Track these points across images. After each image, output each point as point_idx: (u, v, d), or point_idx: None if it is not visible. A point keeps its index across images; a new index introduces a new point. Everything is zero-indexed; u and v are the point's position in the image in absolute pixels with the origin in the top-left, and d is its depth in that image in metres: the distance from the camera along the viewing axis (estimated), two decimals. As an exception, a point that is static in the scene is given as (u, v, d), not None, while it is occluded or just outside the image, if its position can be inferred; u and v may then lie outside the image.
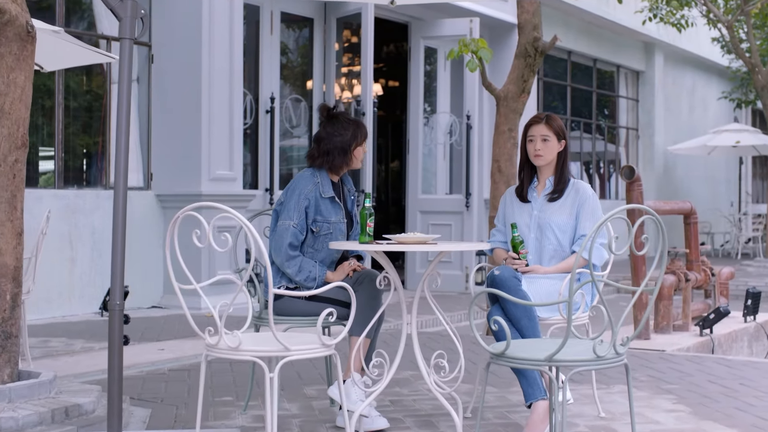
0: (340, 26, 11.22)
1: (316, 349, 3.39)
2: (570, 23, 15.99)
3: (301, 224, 4.33)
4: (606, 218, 3.19)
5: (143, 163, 9.35)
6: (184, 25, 9.13)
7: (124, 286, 8.62)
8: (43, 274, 8.13)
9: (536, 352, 3.21)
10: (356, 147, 4.46)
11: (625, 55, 18.16)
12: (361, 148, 4.49)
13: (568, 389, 4.22)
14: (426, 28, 12.05)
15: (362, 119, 10.19)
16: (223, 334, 3.33)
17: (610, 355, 3.21)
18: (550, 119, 4.60)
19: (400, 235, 3.93)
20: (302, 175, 4.46)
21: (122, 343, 3.71)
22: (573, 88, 16.89)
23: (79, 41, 6.20)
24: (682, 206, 8.12)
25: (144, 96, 9.38)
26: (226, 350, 3.35)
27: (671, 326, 7.56)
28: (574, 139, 17.22)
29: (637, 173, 7.16)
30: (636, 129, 19.07)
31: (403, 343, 3.99)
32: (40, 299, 8.17)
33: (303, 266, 4.30)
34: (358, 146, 4.46)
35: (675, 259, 7.86)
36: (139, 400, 4.90)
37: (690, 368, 5.92)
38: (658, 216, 3.27)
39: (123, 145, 3.73)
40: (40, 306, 8.18)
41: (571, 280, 3.12)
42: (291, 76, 11.24)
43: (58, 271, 8.30)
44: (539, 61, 7.81)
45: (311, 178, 4.43)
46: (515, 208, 4.64)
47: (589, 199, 4.52)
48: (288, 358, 3.32)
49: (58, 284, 8.32)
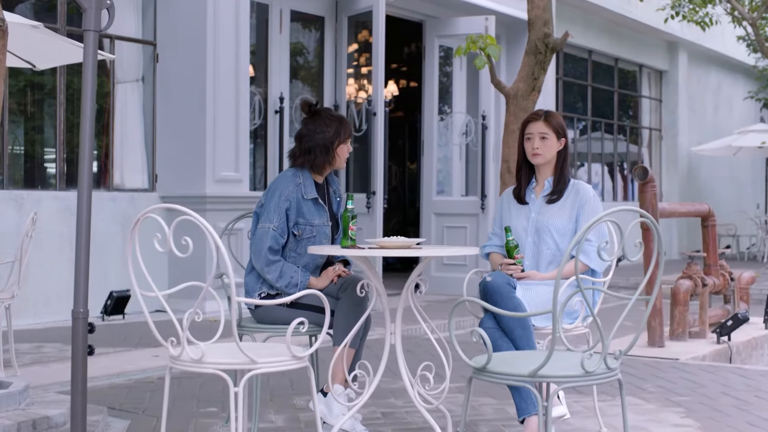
0: (351, 25, 10.99)
1: (286, 362, 3.16)
2: (591, 22, 15.69)
3: (281, 227, 4.10)
4: (595, 221, 2.94)
5: (148, 164, 9.17)
6: (190, 24, 8.94)
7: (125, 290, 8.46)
8: (42, 277, 7.98)
9: (520, 367, 2.96)
10: (339, 145, 4.23)
11: (648, 54, 17.81)
12: (345, 147, 4.26)
13: (564, 403, 3.96)
14: (441, 26, 11.81)
15: (374, 119, 9.96)
16: (185, 345, 3.11)
17: (601, 370, 2.96)
18: (549, 116, 4.35)
19: (383, 239, 3.69)
20: (283, 176, 4.24)
21: (86, 354, 3.49)
22: (594, 88, 16.56)
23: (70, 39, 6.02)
24: (699, 208, 7.82)
25: (149, 96, 9.20)
26: (189, 362, 3.13)
27: (687, 333, 7.27)
28: (595, 140, 16.89)
29: (651, 174, 6.88)
30: (659, 130, 18.70)
31: (386, 354, 3.75)
32: (38, 303, 8.01)
33: (284, 271, 4.08)
34: (341, 144, 4.23)
35: (692, 262, 7.56)
36: (120, 410, 4.70)
37: (703, 378, 5.64)
38: (652, 218, 3.01)
39: (87, 144, 3.52)
40: (38, 310, 8.01)
41: (555, 288, 2.87)
42: (301, 76, 11.03)
43: (57, 274, 8.13)
44: (550, 58, 7.55)
45: (292, 179, 4.20)
46: (512, 210, 4.40)
47: (590, 200, 4.26)
48: (255, 372, 3.10)
49: (57, 287, 8.14)
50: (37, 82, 8.67)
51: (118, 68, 8.98)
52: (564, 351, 3.28)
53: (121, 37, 8.94)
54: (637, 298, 3.08)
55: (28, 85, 8.70)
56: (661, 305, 6.96)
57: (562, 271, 4.13)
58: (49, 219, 8.03)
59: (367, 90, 11.86)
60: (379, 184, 10.00)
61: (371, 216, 9.94)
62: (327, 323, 3.23)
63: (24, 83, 8.68)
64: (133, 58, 9.11)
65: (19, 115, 8.76)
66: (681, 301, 7.20)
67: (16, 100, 8.68)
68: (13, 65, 6.30)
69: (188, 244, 3.03)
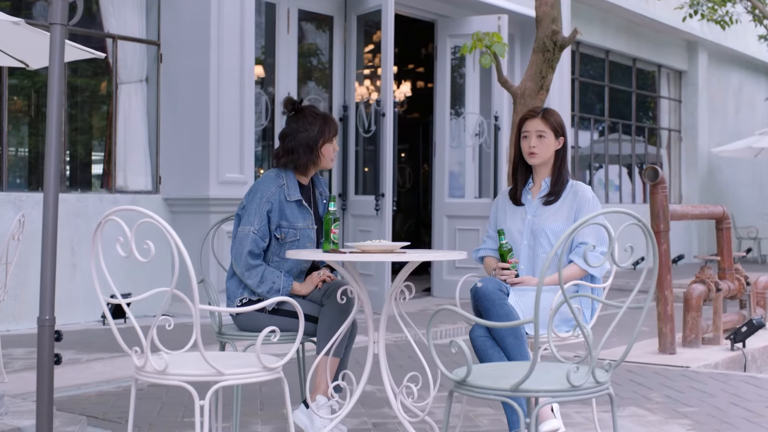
0: (360, 24, 10.81)
1: (256, 373, 2.98)
2: (608, 21, 15.43)
3: (262, 230, 3.93)
4: (581, 223, 2.74)
5: (151, 165, 9.03)
6: (194, 24, 8.79)
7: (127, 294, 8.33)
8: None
9: (501, 380, 2.77)
10: (324, 144, 4.05)
11: (667, 54, 17.52)
12: (331, 146, 4.07)
13: (559, 416, 3.76)
14: (453, 26, 11.61)
15: (382, 120, 9.77)
16: (149, 354, 2.94)
17: (589, 383, 2.76)
18: (547, 113, 4.16)
19: (365, 243, 3.50)
20: (266, 176, 4.06)
21: (53, 363, 3.33)
22: (611, 88, 16.30)
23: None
24: (713, 210, 7.58)
25: (153, 96, 9.06)
26: (153, 373, 2.96)
27: (700, 340, 7.03)
28: (612, 141, 16.62)
29: (661, 175, 6.65)
30: (678, 131, 18.40)
31: (369, 365, 3.57)
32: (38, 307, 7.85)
33: (265, 276, 3.90)
34: (326, 143, 4.05)
35: (705, 266, 7.32)
36: (102, 420, 4.54)
37: (713, 387, 5.41)
38: (643, 221, 2.80)
39: (53, 144, 3.36)
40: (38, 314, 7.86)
41: (537, 294, 2.67)
42: (309, 76, 10.87)
43: (58, 278, 7.94)
44: (558, 56, 7.33)
45: (275, 180, 4.02)
46: (507, 211, 4.20)
47: (588, 202, 4.06)
48: (222, 384, 2.92)
49: (59, 291, 7.94)
50: (37, 81, 8.55)
51: (121, 69, 8.84)
52: (552, 362, 3.08)
53: (125, 37, 8.80)
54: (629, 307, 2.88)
55: (29, 86, 8.58)
56: (672, 311, 6.73)
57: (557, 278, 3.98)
58: (49, 221, 7.88)
59: (378, 91, 11.67)
60: (388, 186, 9.81)
61: (380, 218, 9.76)
62: (301, 332, 3.05)
63: (24, 83, 8.57)
64: (137, 59, 8.97)
65: (20, 116, 8.64)
66: (693, 306, 6.96)
67: (16, 101, 8.56)
68: (6, 65, 6.18)
69: (150, 248, 2.86)
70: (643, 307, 2.87)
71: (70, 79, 8.60)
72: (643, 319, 2.89)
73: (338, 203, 10.37)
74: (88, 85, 9.02)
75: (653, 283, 2.89)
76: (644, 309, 2.87)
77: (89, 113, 9.12)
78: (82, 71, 8.91)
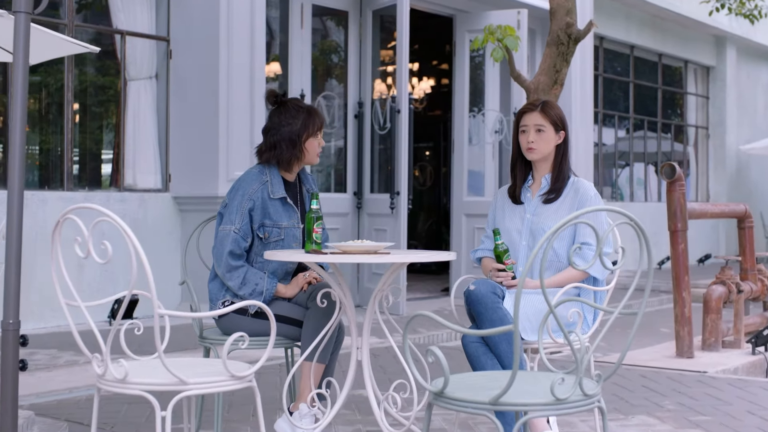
0: (376, 19, 10.62)
1: (224, 383, 2.79)
2: (632, 16, 15.13)
3: (244, 229, 3.74)
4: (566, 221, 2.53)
5: (161, 163, 8.89)
6: (204, 19, 8.64)
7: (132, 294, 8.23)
8: (46, 281, 7.72)
9: (481, 392, 2.56)
10: (308, 138, 3.86)
11: (694, 49, 17.17)
12: (315, 140, 3.88)
13: (556, 427, 3.54)
14: (471, 21, 11.38)
15: (397, 117, 9.57)
16: (108, 362, 2.77)
17: (576, 396, 2.54)
18: (546, 106, 3.95)
19: (347, 243, 3.30)
20: (248, 173, 3.89)
21: (17, 369, 3.17)
22: (636, 84, 15.98)
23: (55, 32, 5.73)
24: (734, 209, 7.31)
25: (162, 93, 8.92)
26: (113, 382, 2.79)
27: (720, 343, 6.77)
28: (637, 138, 16.30)
29: (679, 172, 6.40)
30: (706, 128, 18.04)
31: (352, 372, 3.37)
32: (45, 307, 7.76)
33: (248, 278, 3.71)
34: (310, 137, 3.86)
35: (726, 267, 7.06)
36: (87, 425, 4.37)
37: (730, 394, 5.17)
38: (636, 221, 2.59)
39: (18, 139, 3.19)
40: (44, 315, 7.76)
41: (516, 298, 2.46)
42: (324, 73, 10.68)
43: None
44: (573, 50, 7.08)
45: (258, 177, 3.84)
46: (506, 211, 3.99)
47: (590, 200, 3.84)
48: (185, 394, 2.74)
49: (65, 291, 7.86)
50: (43, 79, 8.44)
51: (130, 65, 8.70)
52: (540, 372, 2.87)
53: (133, 33, 8.66)
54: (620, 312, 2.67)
55: (34, 83, 8.48)
56: (690, 313, 6.49)
57: (557, 280, 3.76)
58: (54, 220, 7.75)
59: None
60: (403, 184, 9.61)
61: (395, 217, 9.56)
62: (272, 338, 2.86)
63: (30, 80, 8.46)
64: (146, 55, 8.83)
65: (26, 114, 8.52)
66: (713, 308, 6.71)
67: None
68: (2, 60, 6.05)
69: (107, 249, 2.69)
70: (637, 313, 2.65)
71: (78, 75, 8.48)
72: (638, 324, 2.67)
73: (352, 201, 10.19)
74: (96, 81, 8.89)
75: (648, 286, 2.67)
76: (638, 315, 2.65)
77: (97, 110, 8.99)
78: (90, 68, 8.78)
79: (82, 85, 8.65)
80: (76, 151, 8.61)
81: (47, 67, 8.49)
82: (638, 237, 2.60)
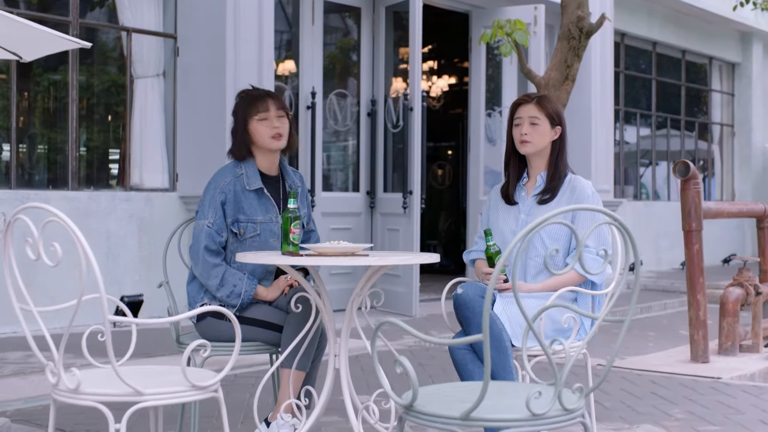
0: (389, 15, 10.43)
1: (183, 393, 2.63)
2: (654, 11, 14.84)
3: (218, 223, 3.62)
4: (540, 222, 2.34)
5: (168, 162, 8.75)
6: (211, 16, 8.49)
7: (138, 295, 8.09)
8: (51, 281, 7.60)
9: (454, 405, 2.37)
10: (249, 120, 3.76)
11: (719, 45, 16.84)
12: (261, 124, 3.76)
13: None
14: (487, 16, 11.16)
15: (410, 115, 9.38)
16: (61, 371, 2.61)
17: (554, 412, 2.35)
18: (542, 99, 3.75)
19: (323, 245, 3.13)
20: (223, 167, 3.82)
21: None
22: (659, 82, 15.68)
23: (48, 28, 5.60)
24: (752, 208, 7.06)
25: (170, 91, 8.78)
26: (66, 392, 2.62)
27: (737, 347, 6.53)
28: (660, 137, 16.00)
29: (693, 170, 6.18)
30: (731, 125, 17.69)
31: (329, 381, 3.19)
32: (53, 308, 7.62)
33: (226, 279, 3.56)
34: (250, 119, 3.76)
35: (744, 268, 6.81)
36: None
37: (744, 402, 4.94)
38: (620, 220, 2.39)
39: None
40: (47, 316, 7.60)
41: (486, 303, 2.27)
42: (336, 70, 10.51)
43: (66, 280, 7.74)
44: (585, 44, 6.87)
45: (232, 170, 3.75)
46: (500, 210, 3.79)
47: (588, 200, 3.64)
48: (142, 405, 2.58)
49: (69, 293, 7.73)
50: (48, 77, 8.33)
51: (137, 63, 8.57)
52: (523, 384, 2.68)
53: (140, 30, 8.53)
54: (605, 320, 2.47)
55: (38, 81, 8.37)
56: (704, 316, 6.25)
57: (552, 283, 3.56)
58: (58, 220, 7.65)
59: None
60: (416, 184, 9.41)
61: (408, 217, 9.37)
62: (238, 344, 2.69)
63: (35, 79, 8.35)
64: (153, 53, 8.70)
65: (30, 112, 8.43)
66: (730, 311, 6.47)
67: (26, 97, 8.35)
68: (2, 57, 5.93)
69: (56, 251, 2.53)
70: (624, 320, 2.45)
71: (84, 73, 8.36)
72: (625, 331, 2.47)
73: (365, 200, 10.02)
74: (102, 79, 8.77)
75: (636, 289, 2.47)
76: (626, 321, 2.45)
77: (103, 109, 8.87)
78: (96, 65, 8.67)
79: (87, 83, 8.54)
80: (82, 150, 8.50)
81: (51, 65, 8.39)
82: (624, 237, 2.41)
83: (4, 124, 7.87)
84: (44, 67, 8.35)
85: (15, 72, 7.76)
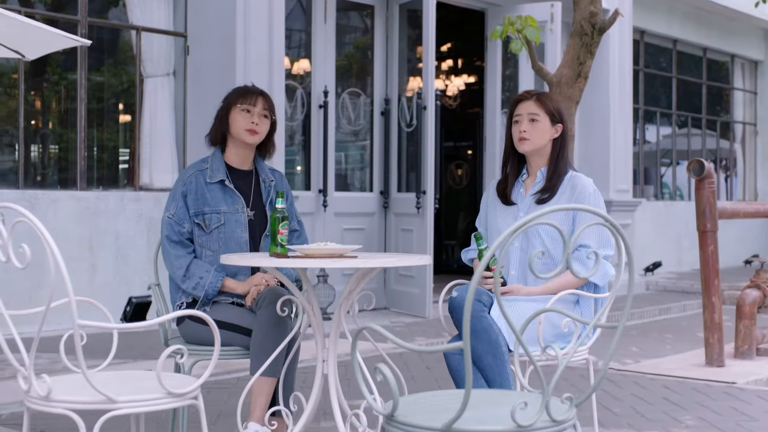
0: (403, 13, 10.32)
1: (159, 400, 2.53)
2: (674, 9, 14.63)
3: (178, 214, 3.63)
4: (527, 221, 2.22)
5: (178, 162, 8.67)
6: (222, 14, 8.40)
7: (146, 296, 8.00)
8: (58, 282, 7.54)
9: (437, 415, 2.26)
10: (231, 109, 3.82)
11: (741, 43, 16.59)
12: (241, 115, 3.78)
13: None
14: (503, 14, 11.02)
15: (423, 114, 9.26)
16: (33, 378, 2.51)
17: (542, 423, 2.23)
18: (543, 96, 3.63)
19: (310, 246, 3.02)
20: (192, 163, 3.82)
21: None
22: (679, 80, 15.47)
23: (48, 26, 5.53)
24: (770, 208, 6.90)
25: (180, 90, 8.70)
26: (37, 400, 2.53)
27: (755, 351, 6.37)
28: (680, 135, 15.78)
29: (708, 169, 6.02)
30: (754, 124, 17.44)
31: (317, 388, 3.08)
32: (55, 309, 7.55)
33: (191, 270, 3.53)
34: (235, 107, 3.80)
35: (761, 270, 6.65)
36: (60, 438, 4.14)
37: (757, 408, 4.79)
38: (611, 220, 2.27)
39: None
40: (55, 316, 7.53)
41: (466, 307, 2.16)
42: (348, 68, 10.40)
43: (76, 279, 7.67)
44: (598, 41, 6.73)
45: (198, 164, 3.84)
46: (498, 209, 3.68)
47: (589, 197, 3.51)
48: (114, 413, 2.48)
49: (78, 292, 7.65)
50: (57, 77, 8.28)
51: (146, 61, 8.50)
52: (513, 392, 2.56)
53: (150, 29, 8.46)
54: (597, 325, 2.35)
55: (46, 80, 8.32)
56: (720, 319, 6.10)
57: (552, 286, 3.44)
58: (67, 220, 7.60)
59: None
60: (429, 183, 9.29)
61: (421, 216, 9.25)
62: (217, 349, 2.59)
63: (44, 78, 8.30)
64: (163, 51, 8.62)
65: (38, 112, 8.38)
66: (747, 313, 6.31)
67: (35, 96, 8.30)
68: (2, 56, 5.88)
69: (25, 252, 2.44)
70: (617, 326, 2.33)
71: (93, 73, 8.30)
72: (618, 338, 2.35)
73: (379, 200, 9.91)
74: (111, 78, 8.71)
75: (630, 293, 2.35)
76: (618, 328, 2.33)
77: (113, 108, 8.81)
78: (105, 64, 8.61)
79: (97, 82, 8.48)
80: (91, 150, 8.44)
81: (60, 64, 8.34)
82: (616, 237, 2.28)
83: (13, 124, 7.82)
84: (53, 67, 8.30)
85: (24, 72, 7.70)
